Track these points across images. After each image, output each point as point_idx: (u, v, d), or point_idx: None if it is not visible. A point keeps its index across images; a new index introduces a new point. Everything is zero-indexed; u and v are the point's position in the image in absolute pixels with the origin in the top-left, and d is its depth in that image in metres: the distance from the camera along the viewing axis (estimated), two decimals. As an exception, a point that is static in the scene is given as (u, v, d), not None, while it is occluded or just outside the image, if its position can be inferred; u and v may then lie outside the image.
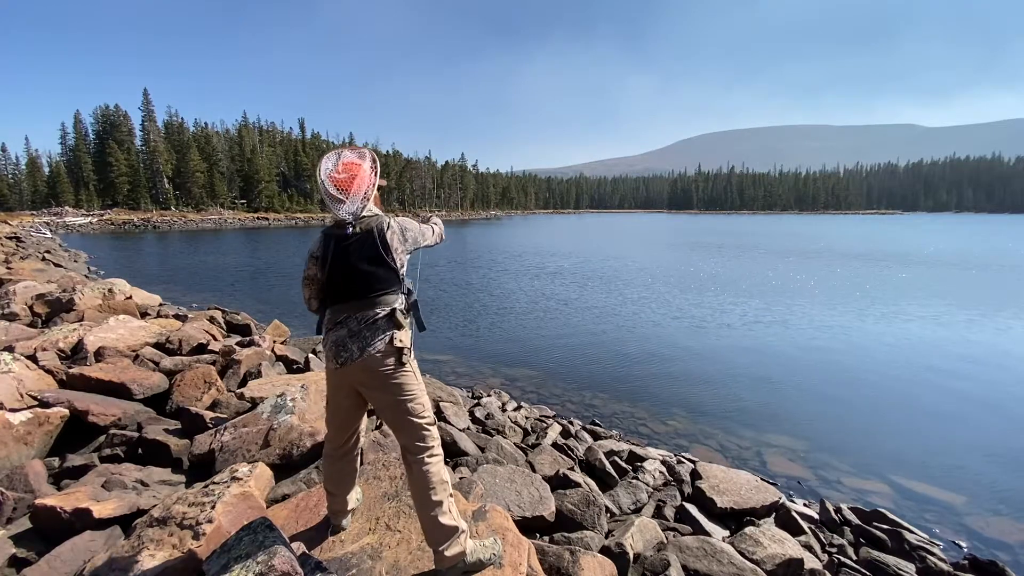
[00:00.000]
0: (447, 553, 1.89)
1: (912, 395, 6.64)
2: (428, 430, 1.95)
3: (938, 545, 3.59)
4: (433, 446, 1.95)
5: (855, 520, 3.77)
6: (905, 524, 3.73)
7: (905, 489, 4.48)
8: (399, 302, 1.95)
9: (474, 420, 4.73)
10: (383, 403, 1.93)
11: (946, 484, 4.54)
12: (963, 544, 3.75)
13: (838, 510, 3.89)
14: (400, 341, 1.90)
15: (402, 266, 1.97)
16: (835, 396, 6.56)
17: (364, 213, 1.91)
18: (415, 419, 1.92)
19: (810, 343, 9.04)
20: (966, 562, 3.40)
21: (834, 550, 3.41)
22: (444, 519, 1.88)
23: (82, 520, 2.17)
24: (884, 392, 6.71)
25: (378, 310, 1.90)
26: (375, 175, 1.94)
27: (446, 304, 12.32)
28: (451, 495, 1.95)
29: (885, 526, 3.67)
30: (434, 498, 1.88)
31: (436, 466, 1.93)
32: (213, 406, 3.74)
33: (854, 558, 3.32)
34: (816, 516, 3.83)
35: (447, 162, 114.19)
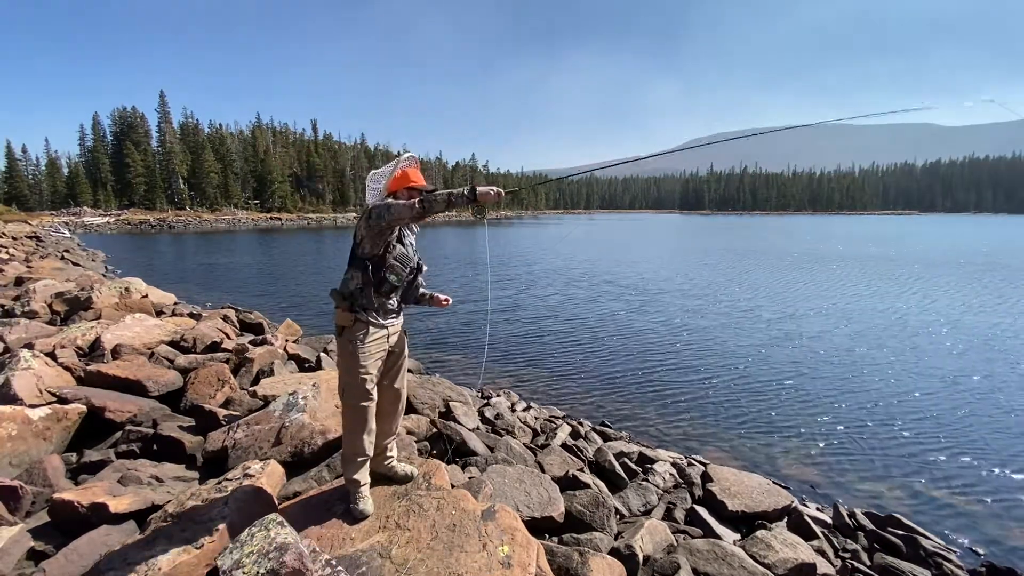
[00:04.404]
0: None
1: (928, 399, 6.51)
2: (342, 399, 2.22)
3: (954, 551, 3.51)
4: (344, 413, 2.22)
5: (869, 525, 3.71)
6: (920, 530, 3.65)
7: (921, 494, 4.40)
8: (350, 279, 2.15)
9: (484, 420, 4.73)
10: None
11: (963, 489, 4.45)
12: (980, 551, 3.67)
13: (852, 515, 3.82)
14: (339, 318, 2.14)
15: (360, 242, 2.11)
16: (849, 399, 6.45)
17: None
18: (338, 386, 2.25)
19: (822, 347, 8.92)
20: (983, 569, 3.32)
21: (847, 555, 3.36)
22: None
23: (98, 515, 2.22)
24: (899, 396, 6.59)
25: (340, 283, 2.22)
26: (392, 179, 2.23)
27: (456, 305, 12.34)
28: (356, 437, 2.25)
29: (900, 531, 3.60)
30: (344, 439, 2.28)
31: (347, 431, 2.24)
32: (226, 404, 3.79)
33: (868, 564, 3.26)
34: (829, 521, 3.78)
35: (457, 162, 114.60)
